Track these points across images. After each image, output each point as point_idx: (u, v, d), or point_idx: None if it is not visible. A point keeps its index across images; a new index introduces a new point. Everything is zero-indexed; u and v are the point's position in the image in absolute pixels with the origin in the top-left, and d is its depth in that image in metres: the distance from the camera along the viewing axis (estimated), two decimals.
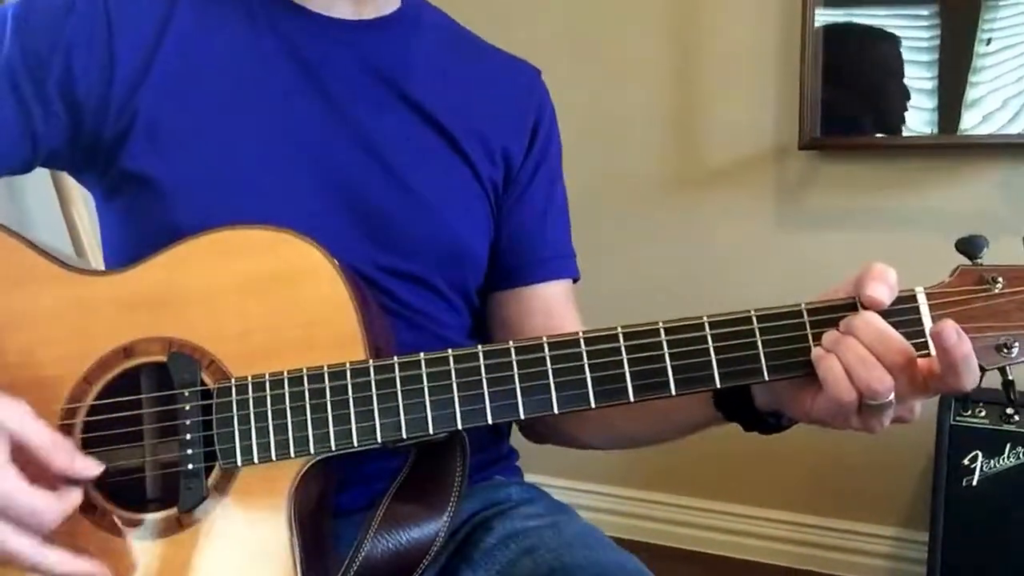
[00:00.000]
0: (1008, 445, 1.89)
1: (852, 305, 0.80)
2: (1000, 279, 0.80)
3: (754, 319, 0.80)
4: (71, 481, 0.78)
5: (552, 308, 1.09)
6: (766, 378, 0.80)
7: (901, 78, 2.11)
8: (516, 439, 1.17)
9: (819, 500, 2.37)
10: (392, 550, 0.84)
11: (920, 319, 0.79)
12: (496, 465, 1.12)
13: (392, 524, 0.84)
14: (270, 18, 1.00)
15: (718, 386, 0.81)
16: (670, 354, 0.81)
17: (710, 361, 0.80)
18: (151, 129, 0.94)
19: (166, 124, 0.94)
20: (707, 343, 0.80)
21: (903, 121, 2.11)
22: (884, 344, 0.77)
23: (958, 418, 1.94)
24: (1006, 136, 2.02)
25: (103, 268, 0.97)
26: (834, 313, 0.80)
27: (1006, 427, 1.90)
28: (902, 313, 0.80)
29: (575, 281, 1.14)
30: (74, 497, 0.78)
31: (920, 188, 2.14)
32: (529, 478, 1.15)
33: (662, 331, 0.81)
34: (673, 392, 0.81)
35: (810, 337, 0.80)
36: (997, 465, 1.90)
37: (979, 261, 0.82)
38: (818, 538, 2.38)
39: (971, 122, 2.04)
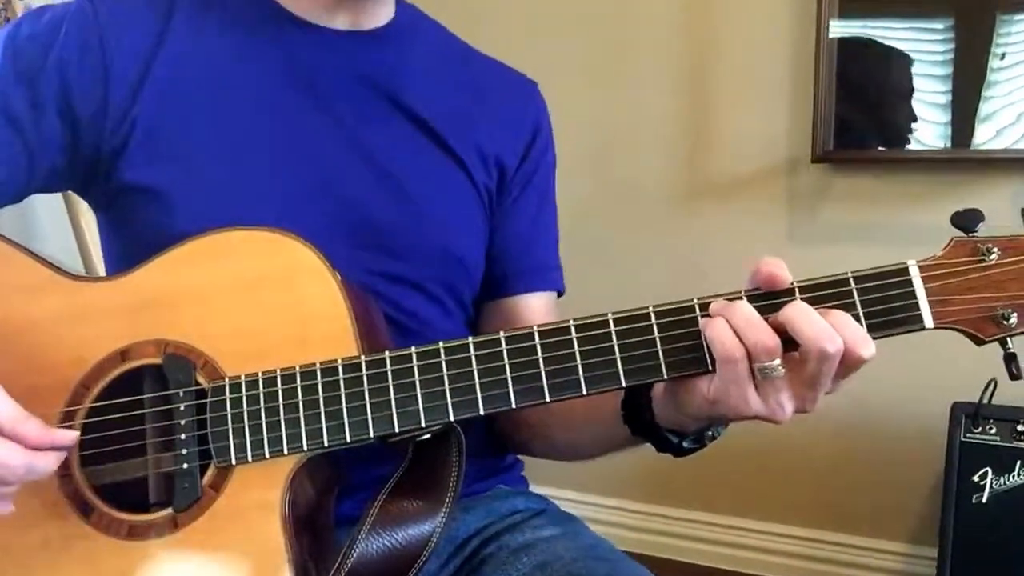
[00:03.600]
0: (1018, 462, 1.88)
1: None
2: (995, 249, 0.79)
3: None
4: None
5: (533, 320, 1.08)
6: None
7: (914, 92, 2.10)
8: None
9: (828, 515, 2.36)
10: (387, 548, 0.84)
11: (914, 291, 0.78)
12: (499, 475, 1.12)
13: (386, 522, 0.84)
14: (267, 29, 1.00)
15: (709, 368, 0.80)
16: (660, 338, 0.80)
17: (700, 343, 0.80)
18: (148, 140, 0.95)
19: (163, 134, 0.95)
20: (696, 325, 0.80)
21: (916, 135, 2.11)
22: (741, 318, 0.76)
23: (968, 435, 1.93)
24: (1019, 151, 2.01)
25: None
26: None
27: (1016, 444, 1.89)
28: (895, 287, 0.78)
29: (560, 294, 1.14)
30: (48, 459, 0.78)
31: (933, 202, 2.13)
32: (535, 489, 1.15)
33: (652, 314, 0.81)
34: (665, 376, 0.80)
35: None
36: (1007, 482, 1.89)
37: (974, 234, 0.80)
38: (827, 553, 2.37)
39: (984, 136, 2.04)
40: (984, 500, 1.89)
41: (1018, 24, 1.99)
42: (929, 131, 2.09)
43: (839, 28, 2.13)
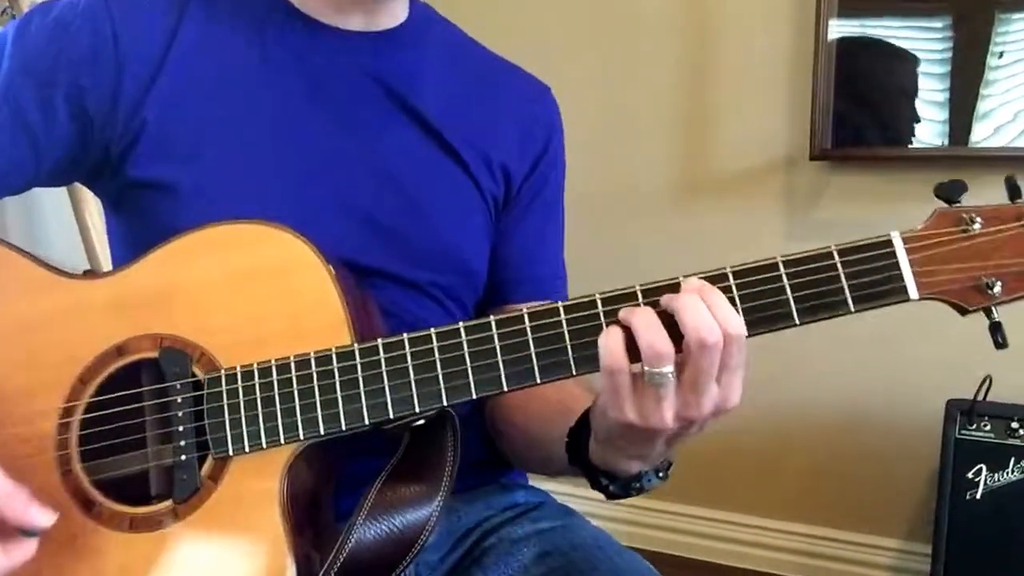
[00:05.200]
0: (1013, 459, 1.89)
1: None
2: (978, 219, 0.78)
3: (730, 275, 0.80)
4: (25, 533, 0.78)
5: None
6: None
7: (913, 90, 2.11)
8: None
9: (823, 511, 2.37)
10: (384, 534, 0.84)
11: (897, 263, 0.78)
12: (499, 469, 1.12)
13: (383, 508, 0.84)
14: (278, 28, 1.00)
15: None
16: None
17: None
18: (158, 137, 0.95)
19: (173, 132, 0.95)
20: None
21: (914, 133, 2.11)
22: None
23: (963, 431, 1.94)
24: (1017, 149, 2.02)
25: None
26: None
27: (1011, 441, 1.90)
28: (879, 259, 0.78)
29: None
30: (24, 550, 0.77)
31: (930, 200, 2.11)
32: (533, 484, 1.16)
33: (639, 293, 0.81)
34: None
35: (787, 289, 0.80)
36: (1001, 479, 1.90)
37: (959, 204, 0.80)
38: (822, 549, 2.37)
39: (982, 134, 2.04)
40: (979, 496, 1.90)
41: (1016, 23, 1.99)
42: (927, 129, 2.10)
43: (838, 26, 2.14)
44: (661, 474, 0.88)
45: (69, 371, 0.86)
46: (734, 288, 0.79)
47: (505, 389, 0.81)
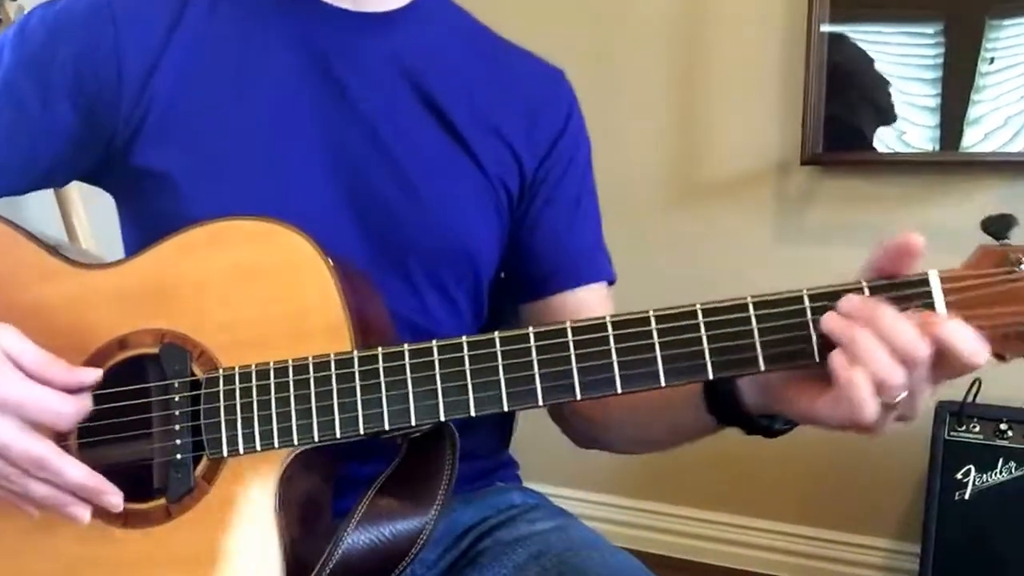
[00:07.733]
0: (1001, 460, 1.91)
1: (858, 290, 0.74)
2: None
3: (751, 306, 0.76)
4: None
5: (584, 314, 0.99)
6: (762, 368, 0.75)
7: (904, 95, 2.12)
8: (515, 448, 1.18)
9: (813, 511, 2.38)
10: (374, 543, 0.83)
11: (933, 303, 0.72)
12: (497, 472, 1.12)
13: (375, 517, 0.83)
14: (281, 10, 0.99)
15: (710, 377, 0.76)
16: (660, 343, 0.77)
17: (702, 351, 0.76)
18: (162, 123, 0.94)
19: (177, 118, 0.94)
20: (700, 331, 0.76)
21: (905, 138, 2.13)
22: (898, 336, 0.69)
23: (952, 432, 1.95)
24: (1007, 154, 2.04)
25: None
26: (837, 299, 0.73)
27: (999, 442, 1.92)
28: (912, 298, 0.72)
29: (612, 283, 1.11)
30: (85, 401, 0.82)
31: (921, 205, 2.14)
32: (527, 486, 1.15)
33: (653, 319, 0.77)
34: (662, 383, 0.77)
35: (810, 324, 0.74)
36: (990, 479, 1.91)
37: (1006, 242, 0.74)
38: (811, 549, 2.38)
39: (973, 139, 2.06)
40: (967, 497, 1.92)
41: (1007, 29, 2.01)
42: (918, 134, 2.11)
43: (830, 31, 2.15)
44: None
45: (71, 361, 0.84)
46: (753, 320, 0.75)
47: (505, 409, 0.79)
